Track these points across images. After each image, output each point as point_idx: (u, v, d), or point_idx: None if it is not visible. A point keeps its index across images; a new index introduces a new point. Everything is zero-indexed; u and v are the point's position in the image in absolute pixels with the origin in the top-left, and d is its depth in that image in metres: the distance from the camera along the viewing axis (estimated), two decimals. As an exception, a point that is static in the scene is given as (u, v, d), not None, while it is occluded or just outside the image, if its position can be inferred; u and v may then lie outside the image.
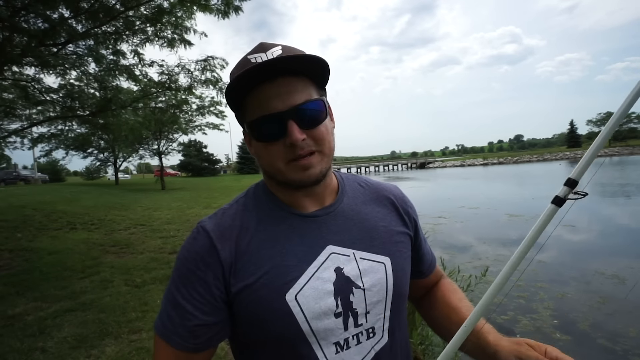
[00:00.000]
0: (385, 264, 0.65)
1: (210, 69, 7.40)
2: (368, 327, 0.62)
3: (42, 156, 19.15)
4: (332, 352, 0.59)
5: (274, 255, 0.60)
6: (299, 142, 0.57)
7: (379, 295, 0.63)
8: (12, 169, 30.08)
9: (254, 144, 0.64)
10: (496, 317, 4.08)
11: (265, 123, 0.58)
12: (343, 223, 0.65)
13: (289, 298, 0.57)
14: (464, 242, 7.67)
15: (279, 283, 0.58)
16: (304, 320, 0.58)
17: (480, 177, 29.81)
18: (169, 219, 9.19)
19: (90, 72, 6.90)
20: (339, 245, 0.63)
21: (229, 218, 0.64)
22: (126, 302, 3.81)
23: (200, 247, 0.60)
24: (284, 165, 0.60)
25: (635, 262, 5.72)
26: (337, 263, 0.61)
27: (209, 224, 0.62)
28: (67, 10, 5.37)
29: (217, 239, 0.60)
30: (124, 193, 16.28)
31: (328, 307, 0.59)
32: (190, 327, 0.58)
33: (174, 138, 22.86)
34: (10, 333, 3.09)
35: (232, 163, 59.25)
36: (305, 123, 0.58)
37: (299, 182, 0.60)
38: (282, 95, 0.57)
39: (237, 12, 5.95)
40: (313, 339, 0.58)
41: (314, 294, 0.58)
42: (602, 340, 3.49)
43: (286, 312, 0.57)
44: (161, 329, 0.60)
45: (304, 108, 0.58)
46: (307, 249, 0.61)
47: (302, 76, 0.60)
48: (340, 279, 0.60)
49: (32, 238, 6.59)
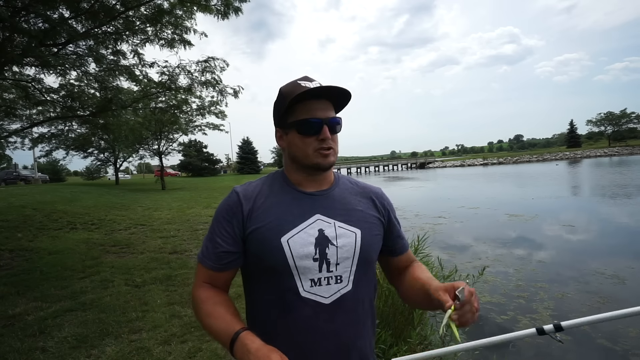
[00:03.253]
0: (357, 234, 0.89)
1: (211, 71, 7.40)
2: (337, 275, 0.85)
3: (43, 156, 19.20)
4: (308, 285, 0.83)
5: (278, 212, 0.87)
6: (327, 139, 0.87)
7: (347, 253, 0.86)
8: (13, 169, 30.04)
9: (291, 136, 0.90)
10: (496, 316, 4.08)
11: (309, 123, 0.87)
12: (331, 202, 0.92)
13: (283, 240, 0.83)
14: (463, 242, 7.68)
15: (277, 230, 0.84)
16: (290, 257, 0.82)
17: (480, 177, 29.80)
18: (169, 219, 9.20)
19: (90, 72, 6.90)
20: (325, 215, 0.89)
21: (252, 186, 0.93)
22: (126, 302, 3.81)
23: (231, 201, 0.90)
24: (312, 153, 0.88)
25: (635, 262, 5.72)
26: (320, 226, 0.87)
27: (239, 188, 0.92)
28: (67, 10, 5.37)
29: (242, 197, 0.89)
30: (124, 193, 16.28)
31: (309, 252, 0.83)
32: (218, 253, 0.87)
33: (174, 138, 22.91)
34: (11, 333, 3.10)
35: (232, 163, 59.22)
36: (331, 129, 0.89)
37: (320, 165, 0.88)
38: (323, 109, 0.88)
39: (236, 14, 5.95)
40: (295, 272, 0.83)
41: (300, 241, 0.84)
42: (602, 340, 3.50)
43: (279, 250, 0.82)
44: (200, 256, 0.91)
45: (333, 120, 0.90)
46: (301, 213, 0.88)
47: (331, 101, 0.91)
48: (321, 236, 0.85)
49: (33, 238, 6.59)
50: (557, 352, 3.36)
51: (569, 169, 32.28)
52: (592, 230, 8.46)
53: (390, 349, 2.51)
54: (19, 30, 4.73)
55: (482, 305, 4.33)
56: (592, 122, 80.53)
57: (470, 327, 3.48)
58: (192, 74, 7.47)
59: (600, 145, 76.76)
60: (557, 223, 9.15)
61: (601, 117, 78.23)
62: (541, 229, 8.56)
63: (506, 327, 3.84)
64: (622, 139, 76.68)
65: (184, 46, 6.70)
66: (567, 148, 79.30)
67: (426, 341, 2.93)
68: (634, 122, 76.46)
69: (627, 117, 75.84)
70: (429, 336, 2.95)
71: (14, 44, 5.16)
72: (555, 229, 8.59)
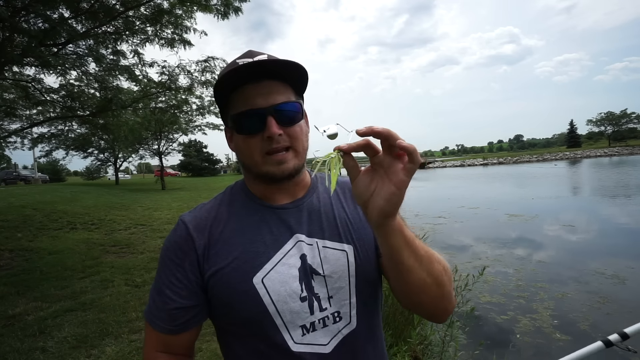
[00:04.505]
0: (348, 251, 0.68)
1: (211, 70, 7.40)
2: (333, 311, 0.65)
3: (43, 156, 19.14)
4: (298, 334, 0.63)
5: (244, 242, 0.66)
6: (276, 136, 0.62)
7: (340, 282, 0.66)
8: (12, 169, 30.06)
9: (234, 138, 0.69)
10: (496, 316, 4.08)
11: (247, 117, 0.64)
12: (310, 215, 0.70)
13: (255, 281, 0.62)
14: (463, 242, 7.67)
15: (246, 267, 0.63)
16: (270, 302, 0.62)
17: (480, 178, 29.81)
18: (169, 219, 9.19)
19: (90, 72, 6.89)
20: (305, 234, 0.68)
21: (205, 211, 0.70)
22: (126, 302, 3.81)
23: (178, 237, 0.67)
24: (261, 158, 0.64)
25: (635, 262, 5.72)
26: (302, 250, 0.66)
27: (187, 217, 0.70)
28: (67, 10, 5.37)
29: (193, 229, 0.67)
30: (124, 193, 16.27)
31: (293, 290, 0.63)
32: (169, 311, 0.65)
33: (174, 138, 22.90)
34: (11, 333, 3.10)
35: (232, 163, 59.23)
36: (282, 121, 0.64)
37: (272, 175, 0.65)
38: (264, 94, 0.63)
39: (236, 14, 5.95)
40: (280, 321, 0.62)
41: (279, 277, 0.63)
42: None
43: (253, 294, 0.62)
44: (147, 314, 0.69)
45: (283, 107, 0.64)
46: (275, 238, 0.66)
47: (283, 81, 0.66)
48: (304, 265, 0.65)
49: (33, 238, 6.59)
50: (556, 352, 3.35)
51: (569, 169, 32.26)
52: (592, 230, 8.45)
53: (390, 349, 2.50)
54: (19, 30, 4.74)
55: (482, 305, 4.33)
56: (592, 122, 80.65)
57: (471, 328, 3.47)
58: (192, 74, 7.48)
59: (601, 145, 76.82)
60: (557, 223, 9.15)
61: (601, 117, 78.33)
62: (541, 229, 8.55)
63: (506, 327, 3.84)
64: (622, 139, 76.76)
65: (183, 46, 6.70)
66: (567, 148, 79.37)
67: (426, 341, 2.93)
68: (634, 122, 76.57)
69: (627, 117, 75.93)
70: (429, 336, 2.94)
71: (14, 44, 5.16)
72: (555, 229, 8.59)
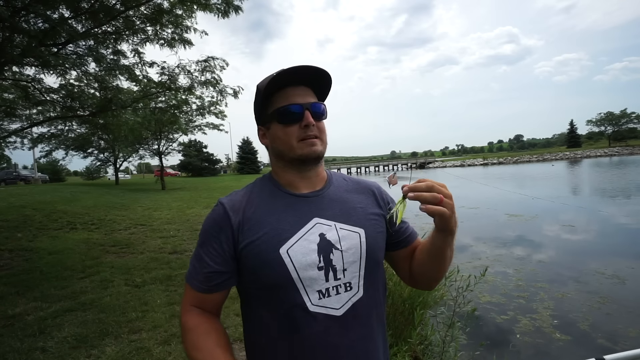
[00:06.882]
0: (360, 233, 0.82)
1: (211, 70, 7.40)
2: (345, 282, 0.79)
3: (42, 156, 19.19)
4: (315, 298, 0.76)
5: (272, 222, 0.79)
6: (311, 125, 0.80)
7: (354, 257, 0.80)
8: (12, 169, 30.03)
9: (273, 129, 0.84)
10: (496, 316, 4.08)
11: (289, 110, 0.81)
12: (328, 203, 0.85)
13: (282, 251, 0.75)
14: (463, 242, 7.67)
15: (274, 241, 0.76)
16: (293, 270, 0.75)
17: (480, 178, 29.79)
18: (169, 219, 9.19)
19: (90, 72, 6.88)
20: (324, 218, 0.81)
21: (240, 196, 0.85)
22: (126, 302, 3.81)
23: (217, 215, 0.82)
24: (297, 143, 0.80)
25: (635, 262, 5.72)
26: (321, 230, 0.79)
27: (225, 200, 0.84)
28: (67, 10, 5.36)
29: (229, 209, 0.81)
30: (124, 193, 16.27)
31: (312, 261, 0.76)
32: (206, 274, 0.79)
33: (174, 138, 22.85)
34: (11, 333, 3.10)
35: (232, 163, 59.19)
36: (314, 115, 0.81)
37: (306, 156, 0.80)
38: (302, 95, 0.83)
39: (237, 12, 5.94)
40: (300, 285, 0.75)
41: (301, 250, 0.76)
42: (602, 340, 3.50)
43: (279, 262, 0.75)
44: (187, 276, 0.83)
45: (315, 105, 0.83)
46: (298, 219, 0.80)
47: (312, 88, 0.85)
48: (323, 242, 0.78)
49: (32, 238, 6.59)
50: (556, 352, 3.35)
51: (565, 169, 32.24)
52: (592, 230, 8.46)
53: (390, 349, 2.50)
54: (19, 30, 4.73)
55: (482, 305, 4.33)
56: (592, 122, 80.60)
57: (471, 328, 3.47)
58: (192, 74, 7.46)
59: (601, 145, 76.76)
60: (557, 223, 9.15)
61: (601, 117, 78.28)
62: (541, 229, 8.56)
63: (506, 327, 3.84)
64: (622, 139, 76.69)
65: (183, 46, 6.69)
66: (567, 148, 79.30)
67: (426, 341, 2.93)
68: (634, 122, 76.50)
69: (627, 117, 75.89)
70: (429, 336, 2.95)
71: (14, 44, 5.15)
72: (555, 229, 8.59)
